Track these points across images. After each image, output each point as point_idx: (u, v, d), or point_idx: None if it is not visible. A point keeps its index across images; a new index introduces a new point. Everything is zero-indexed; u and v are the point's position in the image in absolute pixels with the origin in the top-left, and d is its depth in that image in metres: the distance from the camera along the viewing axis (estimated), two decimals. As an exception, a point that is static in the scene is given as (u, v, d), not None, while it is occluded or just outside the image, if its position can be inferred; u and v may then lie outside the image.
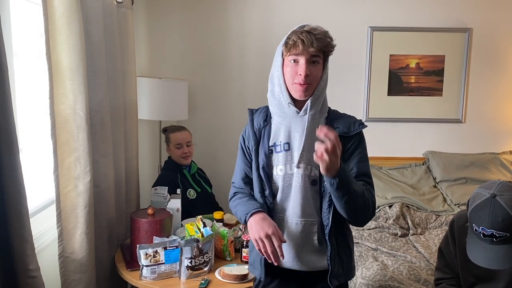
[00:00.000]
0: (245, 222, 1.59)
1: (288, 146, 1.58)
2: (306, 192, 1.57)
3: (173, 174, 2.72)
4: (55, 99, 1.87)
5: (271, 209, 1.61)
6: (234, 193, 1.74)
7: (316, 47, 1.48)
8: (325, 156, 1.30)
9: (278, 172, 1.59)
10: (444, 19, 3.29)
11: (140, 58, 3.19)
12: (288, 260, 1.61)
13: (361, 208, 1.49)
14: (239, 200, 1.68)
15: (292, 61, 1.52)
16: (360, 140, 1.59)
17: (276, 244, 1.47)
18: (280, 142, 1.59)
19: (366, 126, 1.61)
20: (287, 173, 1.58)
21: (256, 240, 1.50)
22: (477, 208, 1.40)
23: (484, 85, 3.39)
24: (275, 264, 1.52)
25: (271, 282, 1.68)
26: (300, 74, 1.50)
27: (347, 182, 1.40)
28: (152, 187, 2.53)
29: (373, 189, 1.57)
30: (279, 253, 1.48)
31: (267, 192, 1.61)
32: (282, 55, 1.56)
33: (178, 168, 2.77)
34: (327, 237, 1.57)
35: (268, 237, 1.48)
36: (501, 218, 1.36)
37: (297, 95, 1.54)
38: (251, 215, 1.55)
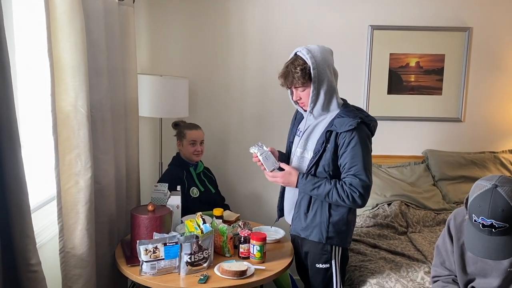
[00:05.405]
0: None
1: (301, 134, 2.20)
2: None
3: (180, 171, 2.76)
4: (56, 96, 1.88)
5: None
6: None
7: (289, 86, 2.09)
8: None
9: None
10: (444, 18, 3.29)
11: (141, 55, 3.21)
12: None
13: (330, 202, 2.03)
14: None
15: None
16: (350, 138, 1.94)
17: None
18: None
19: (353, 126, 1.92)
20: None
21: None
22: (477, 198, 1.40)
23: (484, 84, 3.40)
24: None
25: None
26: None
27: (306, 190, 2.06)
28: (158, 182, 2.55)
29: (361, 184, 1.94)
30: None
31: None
32: None
33: (185, 165, 2.80)
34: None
35: None
36: (501, 208, 1.36)
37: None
38: None
